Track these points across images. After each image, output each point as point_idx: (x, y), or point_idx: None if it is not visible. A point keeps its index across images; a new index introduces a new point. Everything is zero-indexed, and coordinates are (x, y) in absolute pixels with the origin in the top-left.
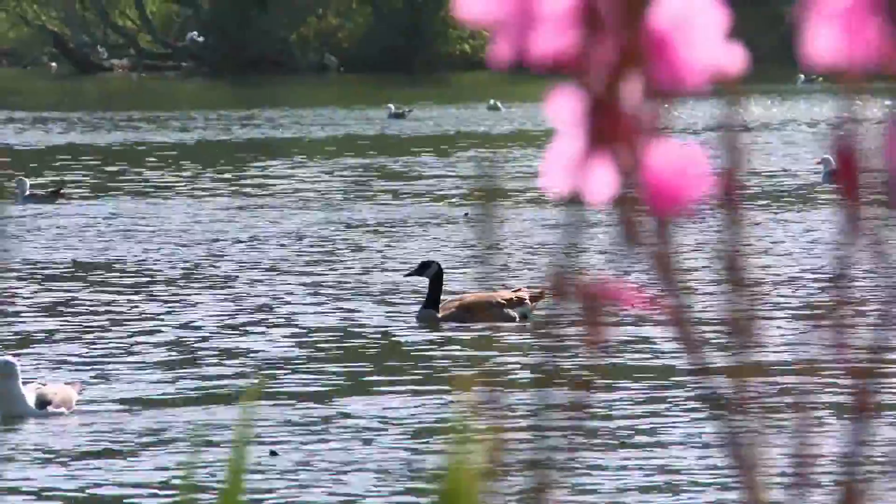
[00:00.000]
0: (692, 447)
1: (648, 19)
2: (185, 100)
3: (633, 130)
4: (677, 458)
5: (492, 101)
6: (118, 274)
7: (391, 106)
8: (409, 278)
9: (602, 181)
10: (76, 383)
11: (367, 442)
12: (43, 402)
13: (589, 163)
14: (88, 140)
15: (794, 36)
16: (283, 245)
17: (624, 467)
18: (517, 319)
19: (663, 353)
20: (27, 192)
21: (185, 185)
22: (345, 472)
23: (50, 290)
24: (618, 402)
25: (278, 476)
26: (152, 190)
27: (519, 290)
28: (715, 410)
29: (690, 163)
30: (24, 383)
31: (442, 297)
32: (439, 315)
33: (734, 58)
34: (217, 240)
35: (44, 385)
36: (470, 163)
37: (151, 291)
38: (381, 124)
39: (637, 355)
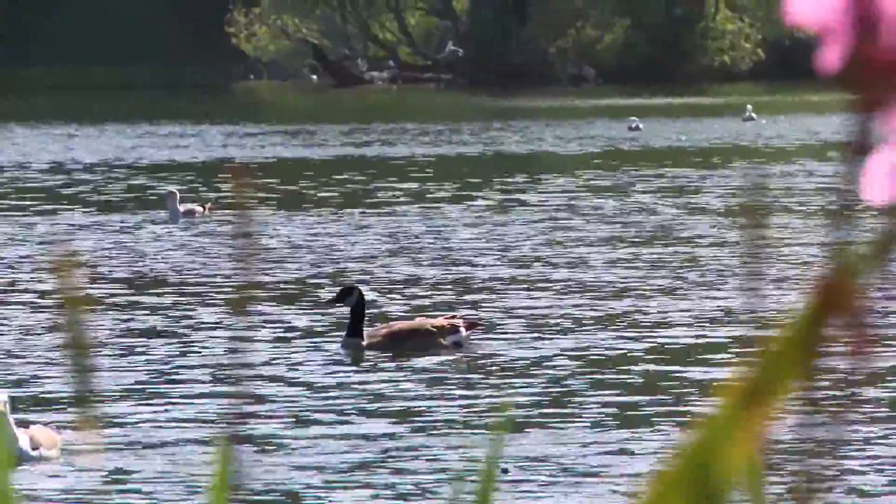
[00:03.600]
0: None
1: None
2: (443, 112)
3: None
4: None
5: (748, 113)
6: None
7: (634, 119)
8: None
9: None
10: (51, 426)
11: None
12: (35, 445)
13: None
14: (342, 153)
15: None
16: (529, 259)
17: None
18: (450, 348)
19: None
20: (181, 208)
21: (428, 197)
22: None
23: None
24: None
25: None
26: (382, 203)
27: (454, 317)
28: None
29: None
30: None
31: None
32: (364, 343)
33: None
34: (454, 250)
35: (26, 427)
36: (726, 177)
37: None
38: (620, 138)
39: None
